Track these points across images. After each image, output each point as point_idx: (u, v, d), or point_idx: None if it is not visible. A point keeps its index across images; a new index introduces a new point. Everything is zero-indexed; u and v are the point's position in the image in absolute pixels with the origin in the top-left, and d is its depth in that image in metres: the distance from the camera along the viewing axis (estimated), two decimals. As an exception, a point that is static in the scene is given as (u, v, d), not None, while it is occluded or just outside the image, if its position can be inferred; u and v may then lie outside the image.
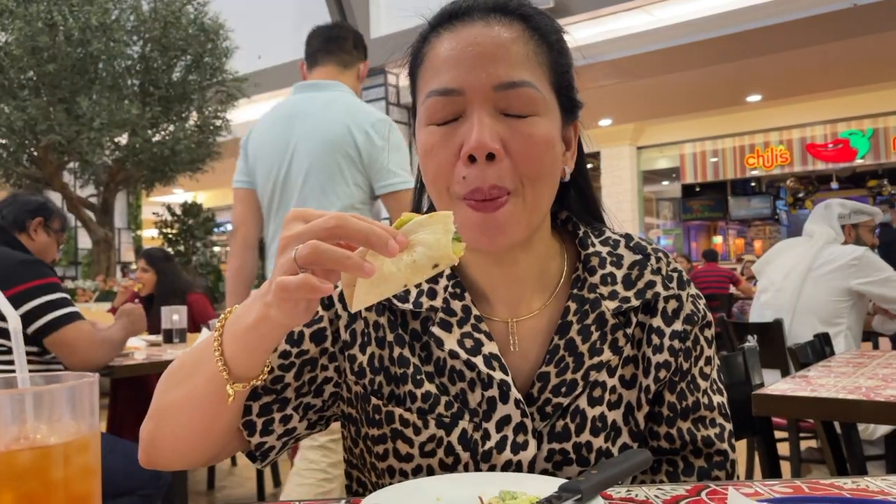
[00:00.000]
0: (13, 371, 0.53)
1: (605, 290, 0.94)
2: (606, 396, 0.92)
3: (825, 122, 13.51)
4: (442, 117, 0.85)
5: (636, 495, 0.91)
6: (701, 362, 0.99)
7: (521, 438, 0.89)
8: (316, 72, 2.44)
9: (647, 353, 0.94)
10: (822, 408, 1.69)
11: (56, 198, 11.05)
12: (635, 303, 0.93)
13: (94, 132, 8.11)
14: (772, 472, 2.16)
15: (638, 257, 0.97)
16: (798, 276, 3.41)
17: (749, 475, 3.21)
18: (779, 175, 14.94)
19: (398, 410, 0.92)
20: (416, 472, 0.92)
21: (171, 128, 9.30)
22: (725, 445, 0.97)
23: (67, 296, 2.43)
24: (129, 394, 3.83)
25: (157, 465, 0.90)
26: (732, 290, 8.95)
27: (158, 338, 3.67)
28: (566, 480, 0.81)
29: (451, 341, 0.90)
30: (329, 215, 0.68)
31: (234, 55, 9.60)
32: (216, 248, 14.05)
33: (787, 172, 14.63)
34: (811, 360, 2.52)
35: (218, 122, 9.68)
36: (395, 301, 0.94)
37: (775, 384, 1.91)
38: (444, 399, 0.91)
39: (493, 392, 0.90)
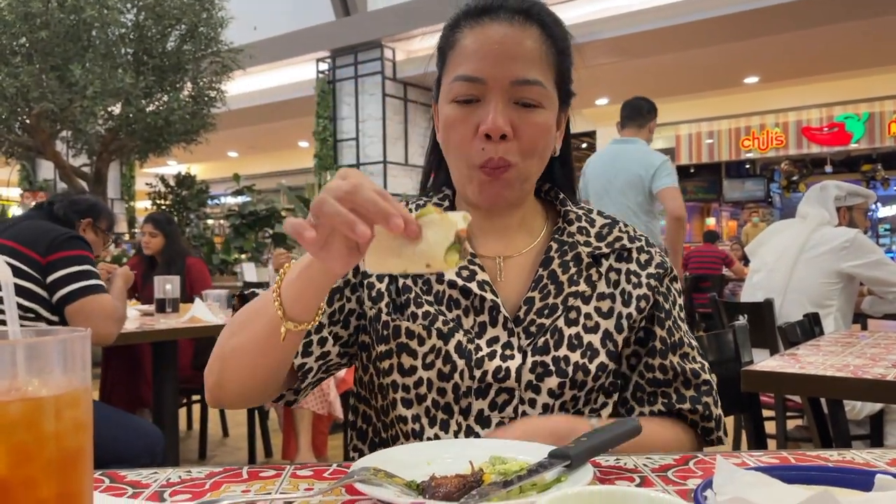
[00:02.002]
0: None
1: (580, 238, 1.14)
2: (582, 320, 1.09)
3: (821, 105, 13.48)
4: (464, 98, 1.05)
5: (625, 463, 0.92)
6: (677, 308, 1.17)
7: (508, 352, 1.05)
8: (625, 131, 4.42)
9: (628, 288, 1.12)
10: (809, 384, 1.70)
11: (48, 166, 10.96)
12: (605, 250, 1.13)
13: (87, 101, 8.02)
14: (759, 447, 2.18)
15: (608, 221, 1.18)
16: (790, 257, 3.42)
17: (736, 450, 3.24)
18: (773, 158, 14.94)
19: (405, 324, 1.07)
20: (418, 385, 1.05)
21: (166, 98, 9.19)
22: (709, 376, 1.14)
23: (96, 270, 2.50)
24: (120, 364, 3.84)
25: (223, 405, 1.07)
26: (725, 271, 8.98)
27: (151, 307, 3.66)
28: (555, 448, 0.82)
29: (450, 272, 1.08)
30: (349, 181, 0.76)
31: (229, 25, 9.47)
32: (209, 221, 14.00)
33: (781, 155, 14.63)
34: (800, 340, 2.54)
35: (213, 94, 9.57)
36: None
37: (764, 361, 1.92)
38: (441, 319, 1.07)
39: (485, 317, 1.07)
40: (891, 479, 0.69)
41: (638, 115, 4.36)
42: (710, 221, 16.94)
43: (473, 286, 1.07)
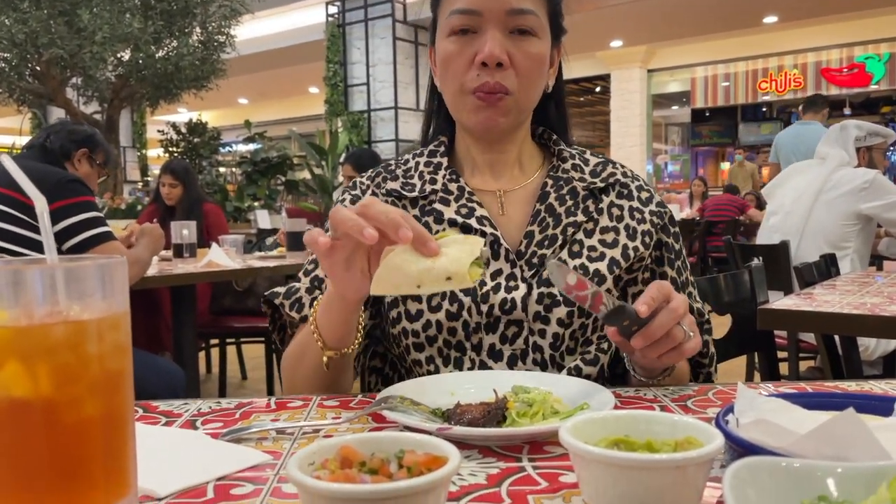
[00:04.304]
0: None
1: (575, 175, 1.16)
2: (585, 252, 1.11)
3: (841, 45, 13.16)
4: (461, 29, 1.07)
5: (644, 394, 0.93)
6: (684, 250, 1.20)
7: (512, 283, 1.07)
8: (805, 116, 5.46)
9: (632, 224, 1.15)
10: (825, 322, 1.71)
11: (59, 114, 10.94)
12: (600, 185, 1.15)
13: (97, 46, 7.95)
14: (772, 386, 2.20)
15: (601, 160, 1.21)
16: (808, 199, 3.39)
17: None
18: (791, 100, 14.66)
19: None
20: (427, 328, 1.07)
21: (175, 43, 9.10)
22: (707, 317, 1.19)
23: (102, 215, 2.45)
24: (139, 308, 3.88)
25: None
26: (740, 217, 8.92)
27: (169, 253, 3.70)
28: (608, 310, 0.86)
29: (449, 212, 1.11)
30: (364, 200, 0.81)
31: (236, -32, 9.31)
32: (222, 168, 13.99)
33: (799, 98, 14.33)
34: (816, 280, 2.53)
35: (222, 38, 9.46)
36: (402, 191, 1.13)
37: (780, 300, 1.93)
38: None
39: None
40: (911, 405, 0.70)
41: (815, 105, 5.58)
42: (725, 166, 16.75)
43: (473, 222, 1.09)
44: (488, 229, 1.09)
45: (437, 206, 1.12)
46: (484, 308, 1.05)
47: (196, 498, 0.62)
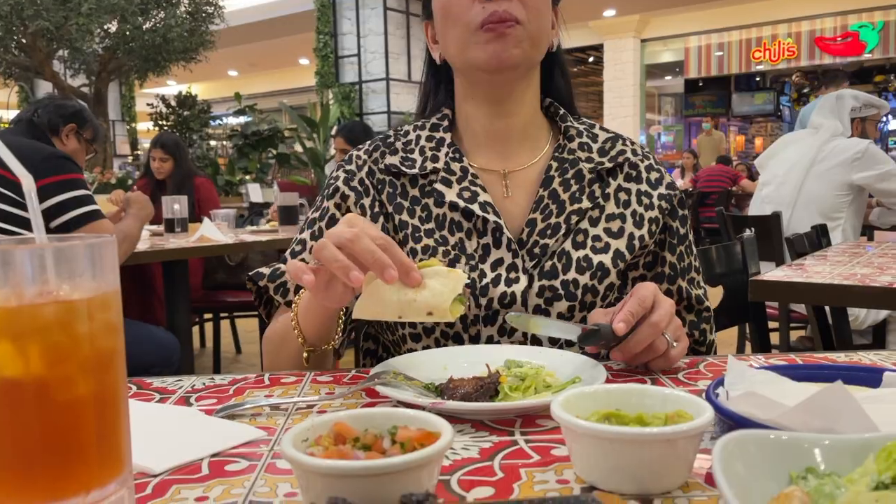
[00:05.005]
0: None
1: (582, 155, 1.12)
2: (590, 242, 1.08)
3: (835, 13, 13.08)
4: None
5: (636, 367, 0.94)
6: (691, 233, 1.17)
7: (513, 275, 1.04)
8: (829, 90, 4.31)
9: (640, 210, 1.11)
10: (817, 293, 1.72)
11: (47, 87, 10.80)
12: (608, 165, 1.11)
13: (83, 18, 7.84)
14: (763, 356, 2.22)
15: (610, 135, 1.17)
16: (801, 169, 3.39)
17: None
18: (784, 70, 14.61)
19: None
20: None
21: (162, 14, 8.97)
22: (709, 304, 1.17)
23: (90, 193, 2.43)
24: (132, 283, 3.88)
25: None
26: (733, 188, 8.93)
27: (160, 227, 3.68)
28: (583, 327, 0.86)
29: (451, 194, 1.07)
30: (352, 231, 0.80)
31: (223, -63, 9.15)
32: (212, 142, 13.88)
33: (793, 67, 14.29)
34: (808, 251, 2.55)
35: (210, 9, 9.33)
36: (402, 167, 1.09)
37: (772, 271, 1.94)
38: (442, 249, 1.07)
39: (488, 239, 1.06)
40: (899, 376, 0.71)
41: (836, 79, 5.36)
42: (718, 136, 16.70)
43: (475, 208, 1.06)
44: (491, 217, 1.05)
45: (439, 186, 1.08)
46: (483, 301, 1.03)
47: (191, 474, 0.63)
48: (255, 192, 7.24)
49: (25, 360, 0.50)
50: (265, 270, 1.11)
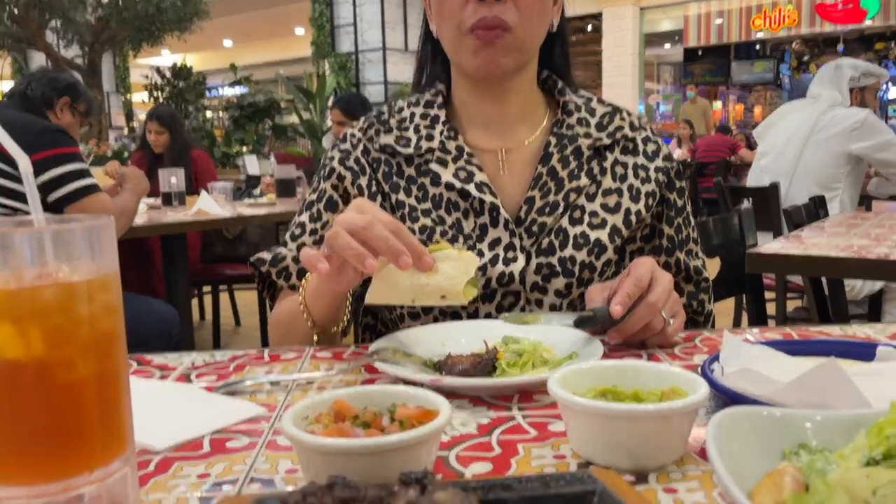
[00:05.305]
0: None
1: (580, 130, 1.10)
2: (587, 218, 1.07)
3: (837, -20, 12.93)
4: None
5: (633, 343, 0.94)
6: (689, 204, 1.16)
7: (510, 254, 1.04)
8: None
9: (636, 184, 1.10)
10: (813, 265, 1.73)
11: (40, 58, 10.69)
12: (606, 141, 1.10)
13: (74, -13, 7.72)
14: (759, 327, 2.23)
15: (608, 109, 1.15)
16: (800, 139, 3.38)
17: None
18: (784, 38, 14.46)
19: None
20: None
21: (155, -17, 8.85)
22: (707, 274, 1.17)
23: (86, 167, 2.42)
24: (130, 257, 3.88)
25: None
26: (731, 158, 8.89)
27: (158, 201, 3.67)
28: (578, 313, 0.87)
29: (447, 175, 1.06)
30: (364, 217, 0.80)
31: None
32: (209, 113, 13.78)
33: (793, 35, 14.15)
34: (805, 222, 2.55)
35: (203, -22, 9.20)
36: (397, 147, 1.07)
37: (769, 243, 1.94)
38: (439, 229, 1.06)
39: (485, 219, 1.06)
40: (892, 351, 0.72)
41: (854, 51, 5.64)
42: (717, 105, 16.63)
43: (472, 188, 1.05)
44: (487, 197, 1.04)
45: (434, 166, 1.07)
46: (481, 280, 1.03)
47: (193, 451, 0.64)
48: (251, 164, 7.21)
49: (26, 342, 0.50)
50: (266, 255, 1.11)
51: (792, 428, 0.50)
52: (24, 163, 0.56)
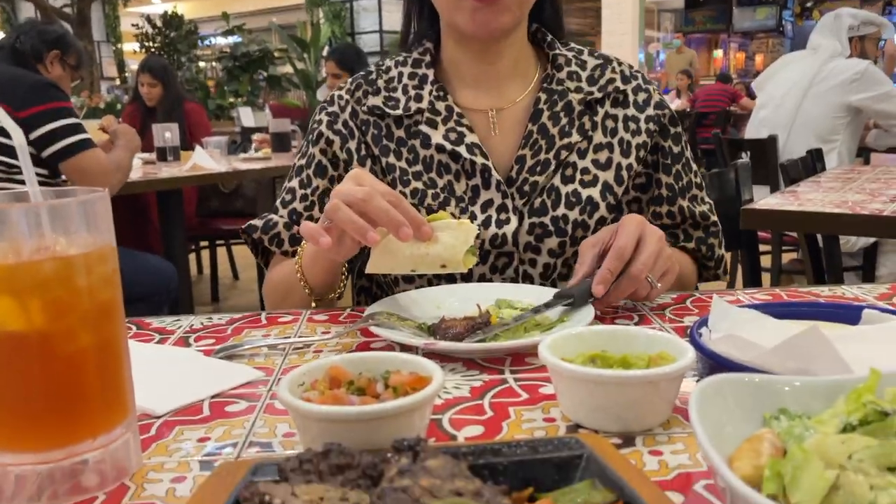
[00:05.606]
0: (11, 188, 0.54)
1: (571, 85, 1.08)
2: (578, 176, 1.06)
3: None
4: None
5: (624, 303, 0.96)
6: (685, 149, 1.13)
7: (503, 216, 1.04)
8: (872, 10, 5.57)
9: (626, 137, 1.09)
10: (808, 221, 1.74)
11: (28, 8, 10.48)
12: (598, 95, 1.08)
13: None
14: (753, 283, 2.26)
15: (600, 61, 1.12)
16: (799, 91, 3.35)
17: (731, 286, 3.36)
18: (788, -17, 14.20)
19: None
20: None
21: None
22: (716, 218, 1.15)
23: (80, 122, 2.41)
24: (126, 213, 3.88)
25: None
26: (732, 108, 8.81)
27: (152, 156, 3.65)
28: (558, 290, 0.86)
29: (437, 136, 1.05)
30: (363, 190, 0.80)
31: None
32: (201, 64, 13.58)
33: (797, -20, 13.89)
34: (802, 176, 2.55)
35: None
36: (385, 108, 1.06)
37: (764, 199, 1.95)
38: (430, 192, 1.05)
39: (477, 180, 1.05)
40: (877, 313, 0.73)
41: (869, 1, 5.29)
42: (718, 54, 16.41)
43: (462, 150, 1.03)
44: (479, 159, 1.03)
45: (424, 127, 1.05)
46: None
47: (193, 415, 0.65)
48: (246, 117, 7.15)
49: (27, 314, 0.51)
50: (257, 223, 1.10)
51: (772, 393, 0.52)
52: (18, 136, 0.56)
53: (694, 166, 1.14)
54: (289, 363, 0.77)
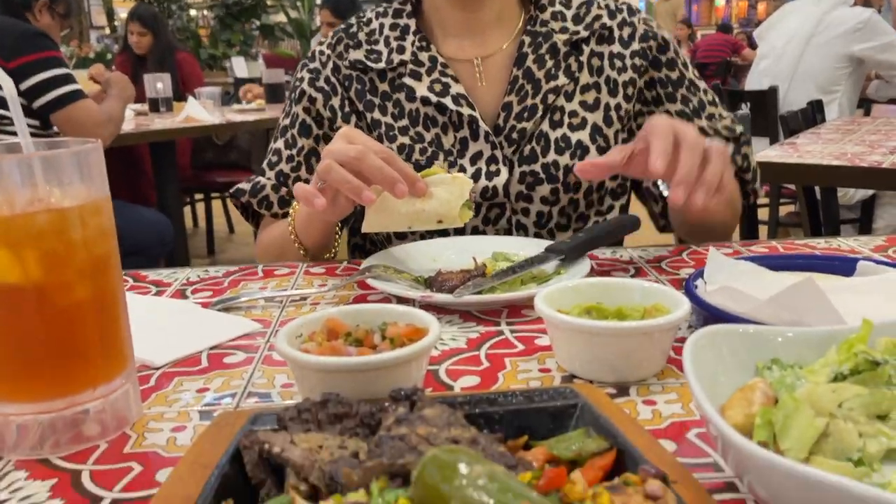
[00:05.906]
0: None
1: (555, 26, 1.06)
2: (567, 119, 1.04)
3: None
4: None
5: (621, 256, 0.96)
6: (685, 71, 1.08)
7: (493, 167, 1.02)
8: None
9: (612, 75, 1.05)
10: (806, 174, 1.73)
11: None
12: (584, 34, 1.05)
13: None
14: (750, 235, 2.26)
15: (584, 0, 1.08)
16: (801, 41, 3.30)
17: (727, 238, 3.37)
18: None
19: None
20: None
21: None
22: (741, 128, 1.09)
23: (71, 72, 2.38)
24: (120, 165, 3.84)
25: None
26: (733, 58, 8.70)
27: (144, 107, 3.61)
28: (553, 242, 0.86)
29: (421, 88, 1.03)
30: (356, 148, 0.79)
31: None
32: (192, 12, 13.31)
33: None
34: (802, 128, 2.53)
35: None
36: (367, 62, 1.04)
37: (763, 151, 1.94)
38: (418, 147, 1.04)
39: (465, 132, 1.03)
40: (872, 265, 0.74)
41: None
42: (720, 2, 16.12)
43: (448, 101, 1.02)
44: (465, 110, 1.01)
45: (408, 80, 1.03)
46: None
47: (191, 366, 0.66)
48: (239, 67, 7.04)
49: (23, 266, 0.51)
50: (245, 186, 1.09)
51: (765, 344, 0.52)
52: (8, 86, 0.55)
53: (701, 85, 1.09)
54: (286, 315, 0.78)
